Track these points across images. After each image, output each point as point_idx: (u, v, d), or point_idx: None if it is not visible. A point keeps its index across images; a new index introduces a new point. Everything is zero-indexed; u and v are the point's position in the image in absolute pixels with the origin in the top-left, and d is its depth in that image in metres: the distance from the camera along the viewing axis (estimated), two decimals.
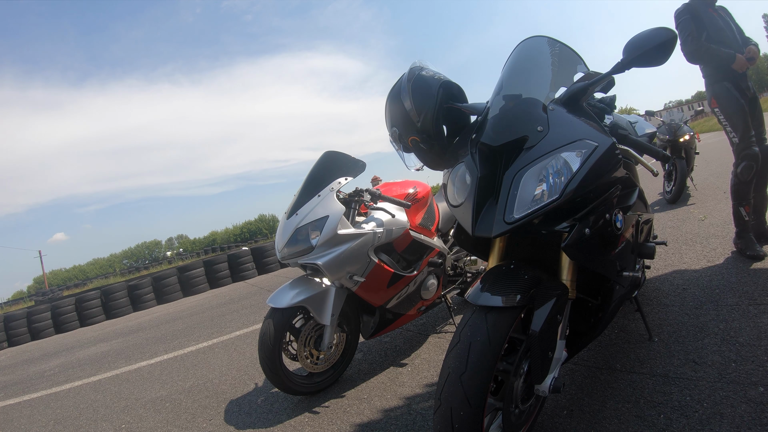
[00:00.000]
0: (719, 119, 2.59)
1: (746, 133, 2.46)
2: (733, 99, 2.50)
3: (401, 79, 1.58)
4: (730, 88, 2.52)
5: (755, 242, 2.46)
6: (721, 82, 2.55)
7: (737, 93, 2.50)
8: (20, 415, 3.15)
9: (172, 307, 8.14)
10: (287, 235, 2.01)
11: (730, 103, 2.50)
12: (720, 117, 2.56)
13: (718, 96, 2.56)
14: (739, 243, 2.52)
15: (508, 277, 1.12)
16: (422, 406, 1.76)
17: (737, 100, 2.48)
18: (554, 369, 1.14)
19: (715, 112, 2.59)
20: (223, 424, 2.07)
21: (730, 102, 2.50)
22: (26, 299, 26.61)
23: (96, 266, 62.08)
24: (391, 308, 2.21)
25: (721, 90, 2.54)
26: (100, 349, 5.21)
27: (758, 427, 1.15)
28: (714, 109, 2.60)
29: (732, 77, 2.52)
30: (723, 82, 2.54)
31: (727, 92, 2.52)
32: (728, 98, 2.52)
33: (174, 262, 33.07)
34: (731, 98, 2.50)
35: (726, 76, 2.54)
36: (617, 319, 2.06)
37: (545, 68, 1.34)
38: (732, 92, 2.51)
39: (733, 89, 2.51)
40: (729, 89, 2.52)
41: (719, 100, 2.56)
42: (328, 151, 2.25)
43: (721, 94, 2.54)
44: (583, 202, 1.13)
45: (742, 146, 2.49)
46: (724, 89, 2.53)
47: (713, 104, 2.60)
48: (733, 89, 2.51)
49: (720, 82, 2.55)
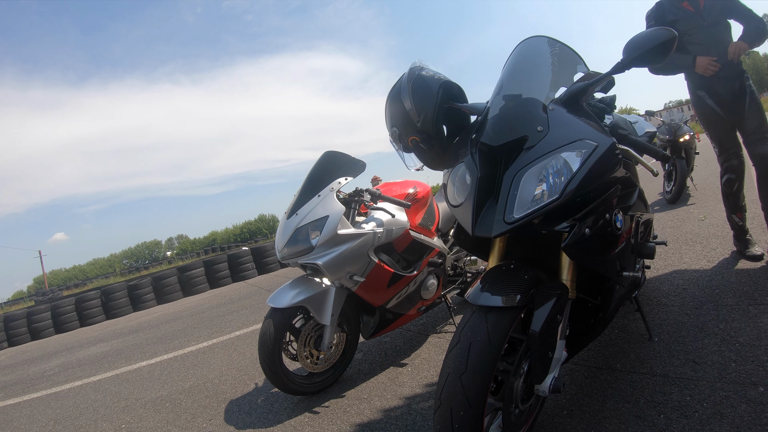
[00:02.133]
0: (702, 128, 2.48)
1: (724, 144, 2.33)
2: (707, 109, 2.33)
3: (401, 79, 1.59)
4: (703, 96, 2.33)
5: (754, 243, 2.41)
6: (694, 91, 2.39)
7: (712, 101, 2.29)
8: (20, 415, 3.15)
9: (172, 307, 8.14)
10: (287, 235, 2.01)
11: (704, 113, 2.36)
12: (702, 126, 2.45)
13: (694, 105, 2.42)
14: (738, 245, 2.48)
15: (508, 277, 1.12)
16: (422, 406, 1.76)
17: (711, 110, 2.31)
18: (554, 369, 1.14)
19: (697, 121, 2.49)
20: (223, 424, 2.07)
21: (704, 112, 2.35)
22: (26, 299, 26.65)
23: (96, 266, 62.12)
24: (391, 308, 2.21)
25: (695, 100, 2.40)
26: (100, 349, 5.21)
27: (758, 427, 1.15)
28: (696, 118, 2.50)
29: (707, 84, 2.30)
30: (696, 91, 2.37)
31: (699, 102, 2.36)
32: (701, 108, 2.36)
33: (174, 262, 33.07)
34: (704, 108, 2.34)
35: (699, 83, 2.34)
36: (617, 319, 2.06)
37: (545, 68, 1.34)
38: (705, 101, 2.32)
39: (707, 98, 2.31)
40: (702, 98, 2.34)
41: (696, 110, 2.42)
42: (328, 151, 2.25)
43: (695, 104, 2.40)
44: (583, 202, 1.13)
45: (722, 159, 2.38)
46: (697, 99, 2.37)
47: (695, 113, 2.47)
48: (707, 98, 2.31)
49: (694, 91, 2.40)
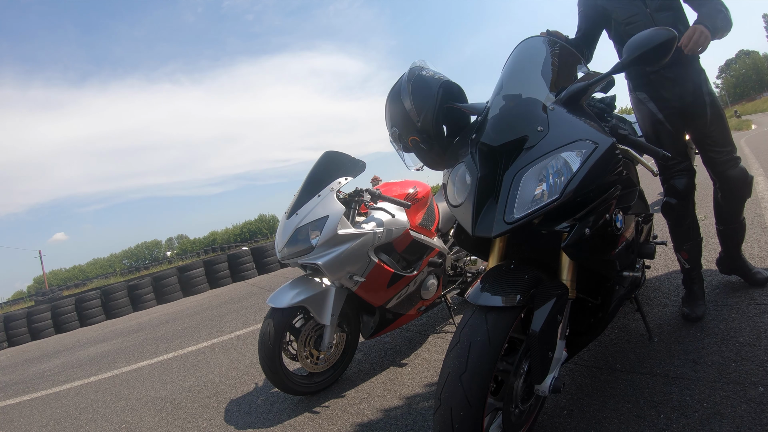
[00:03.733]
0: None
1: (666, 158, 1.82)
2: (646, 114, 1.88)
3: (401, 79, 1.59)
4: (643, 99, 1.89)
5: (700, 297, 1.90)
6: (633, 91, 1.94)
7: (654, 106, 1.86)
8: (20, 415, 3.15)
9: (172, 307, 8.14)
10: (287, 235, 2.01)
11: (643, 118, 1.91)
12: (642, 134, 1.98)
13: (633, 109, 1.98)
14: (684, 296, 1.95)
15: (508, 277, 1.12)
16: (422, 406, 1.76)
17: (651, 116, 1.86)
18: (554, 369, 1.14)
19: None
20: (223, 424, 2.07)
21: (643, 118, 1.91)
22: (26, 299, 26.66)
23: (96, 266, 62.18)
24: (391, 308, 2.21)
25: (634, 103, 1.95)
26: (100, 349, 5.21)
27: (758, 427, 1.15)
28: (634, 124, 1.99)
29: (649, 84, 1.86)
30: (635, 92, 1.92)
31: (638, 105, 1.92)
32: (640, 112, 1.92)
33: (174, 262, 33.08)
34: (644, 113, 1.90)
35: (639, 84, 1.90)
36: (617, 319, 2.06)
37: (545, 68, 1.34)
38: (645, 105, 1.88)
39: (647, 100, 1.87)
40: (642, 101, 1.90)
41: (636, 114, 1.98)
42: (328, 151, 2.25)
43: (635, 107, 1.96)
44: (583, 202, 1.12)
45: (663, 176, 1.89)
46: (635, 101, 1.93)
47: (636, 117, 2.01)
48: (647, 100, 1.87)
49: (633, 91, 1.94)
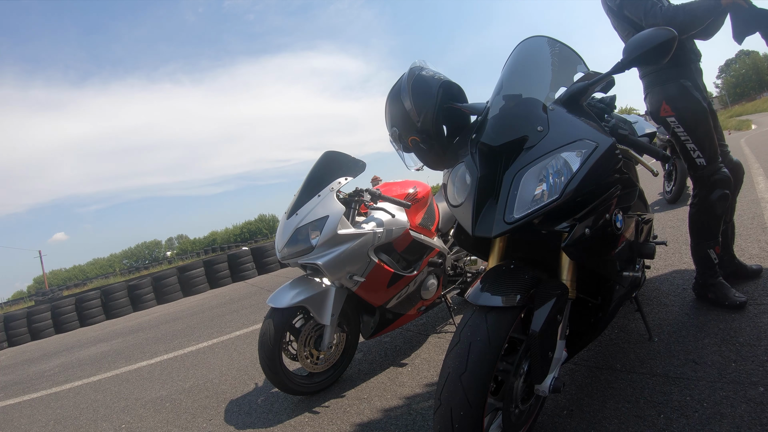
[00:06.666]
0: (675, 132, 1.83)
1: (715, 151, 1.80)
2: (696, 103, 1.76)
3: (401, 79, 1.59)
4: (690, 87, 1.77)
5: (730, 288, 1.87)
6: (676, 80, 1.79)
7: (699, 95, 1.77)
8: (20, 415, 3.15)
9: (172, 307, 8.14)
10: (287, 235, 2.01)
11: (691, 109, 1.76)
12: (677, 129, 1.81)
13: (672, 99, 1.80)
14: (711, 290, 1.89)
15: (508, 277, 1.12)
16: (422, 406, 1.76)
17: (699, 105, 1.76)
18: (554, 369, 1.14)
19: (670, 123, 1.82)
20: (223, 424, 2.07)
21: (692, 108, 1.76)
22: (26, 299, 26.65)
23: (96, 266, 62.17)
24: (391, 308, 2.21)
25: (678, 91, 1.79)
26: (100, 349, 5.21)
27: (758, 427, 1.15)
28: (668, 119, 1.82)
29: (690, 73, 1.79)
30: (679, 80, 1.79)
31: (685, 94, 1.77)
32: (688, 102, 1.77)
33: (174, 262, 33.08)
34: (693, 102, 1.76)
35: (683, 71, 1.79)
36: (617, 319, 2.06)
37: (545, 68, 1.34)
38: (693, 94, 1.77)
39: (693, 89, 1.77)
40: (688, 90, 1.77)
41: (675, 105, 1.80)
42: (328, 151, 2.25)
43: (678, 97, 1.79)
44: (583, 202, 1.13)
45: (711, 169, 1.81)
46: (681, 90, 1.78)
47: (666, 111, 1.82)
48: (693, 89, 1.77)
49: (675, 80, 1.80)
